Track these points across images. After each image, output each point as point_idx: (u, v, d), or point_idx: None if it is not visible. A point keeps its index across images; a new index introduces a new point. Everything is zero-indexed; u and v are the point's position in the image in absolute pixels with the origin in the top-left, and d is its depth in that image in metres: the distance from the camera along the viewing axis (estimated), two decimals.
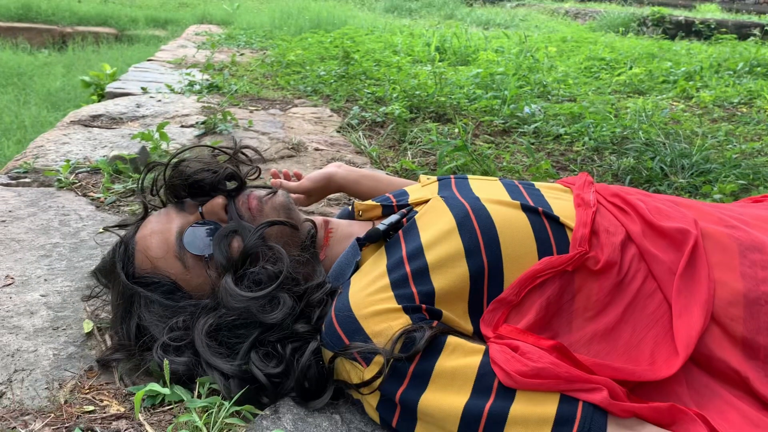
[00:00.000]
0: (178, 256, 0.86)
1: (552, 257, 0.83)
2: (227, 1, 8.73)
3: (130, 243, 0.90)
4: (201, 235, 0.87)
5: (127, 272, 0.88)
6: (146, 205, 0.97)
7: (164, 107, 2.39)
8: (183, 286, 0.87)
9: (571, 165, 2.12)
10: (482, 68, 3.27)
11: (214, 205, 0.89)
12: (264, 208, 0.91)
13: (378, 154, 2.05)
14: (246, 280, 0.82)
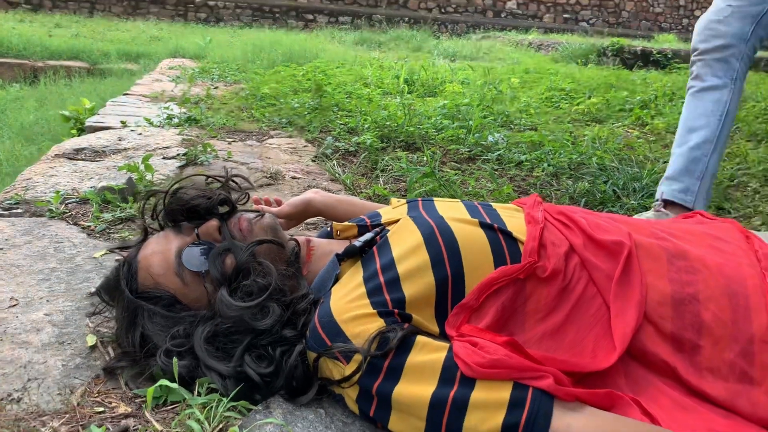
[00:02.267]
0: (178, 273, 0.98)
1: (506, 267, 0.96)
2: (199, 36, 8.87)
3: (133, 262, 1.01)
4: (198, 253, 0.99)
5: (131, 288, 0.98)
6: (146, 228, 1.08)
7: (145, 140, 2.50)
8: (181, 300, 0.98)
9: (531, 189, 2.27)
10: (448, 99, 3.44)
11: (209, 227, 1.01)
12: (253, 228, 1.03)
13: (352, 181, 2.18)
14: (239, 292, 0.94)
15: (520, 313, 0.97)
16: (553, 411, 0.81)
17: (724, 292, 0.95)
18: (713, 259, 0.99)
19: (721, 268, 0.99)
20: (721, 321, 0.91)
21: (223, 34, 9.92)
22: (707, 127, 1.60)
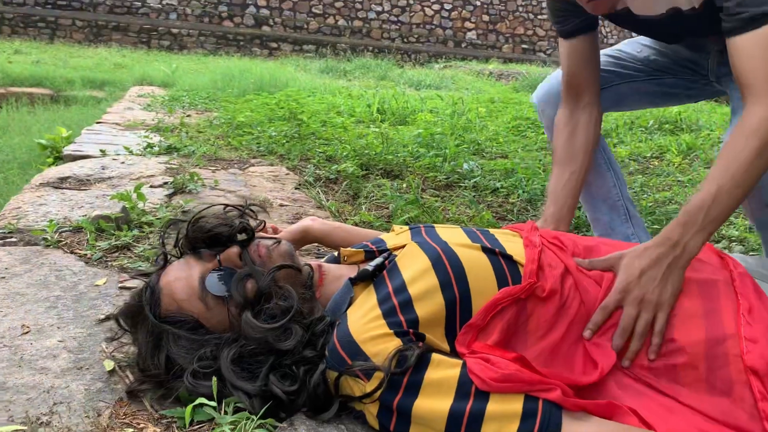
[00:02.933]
0: (201, 298, 1.03)
1: (509, 288, 1.04)
2: (164, 63, 8.87)
3: (155, 288, 1.05)
4: (220, 279, 1.04)
5: (155, 313, 1.03)
6: (166, 255, 1.12)
7: (128, 169, 2.52)
8: (204, 323, 1.03)
9: (508, 215, 2.37)
10: (422, 128, 3.55)
11: (230, 254, 1.06)
12: (272, 255, 1.09)
13: (337, 208, 2.24)
14: (263, 315, 0.99)
15: (522, 331, 1.05)
16: (562, 421, 0.89)
17: (699, 313, 1.05)
18: (689, 276, 1.09)
19: (699, 285, 1.08)
20: (694, 341, 1.01)
21: (188, 62, 9.94)
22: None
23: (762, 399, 0.92)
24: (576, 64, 1.55)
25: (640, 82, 1.67)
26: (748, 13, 1.14)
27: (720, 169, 1.12)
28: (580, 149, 1.55)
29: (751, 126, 1.12)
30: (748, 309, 1.01)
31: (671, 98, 1.73)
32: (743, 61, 1.17)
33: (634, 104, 1.78)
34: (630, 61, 1.67)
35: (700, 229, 1.08)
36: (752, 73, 1.15)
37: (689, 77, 1.64)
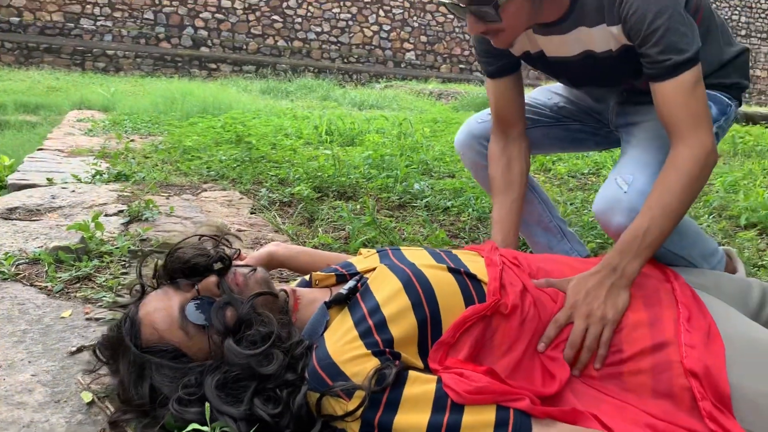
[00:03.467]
0: (182, 327, 1.05)
1: (475, 306, 1.11)
2: (101, 85, 8.68)
3: (135, 319, 1.07)
4: (200, 308, 1.07)
5: (136, 344, 1.05)
6: (144, 286, 1.14)
7: (79, 197, 2.49)
8: (185, 352, 1.06)
9: (461, 233, 2.46)
10: (371, 150, 3.62)
11: (208, 283, 1.09)
12: (249, 282, 1.13)
13: (294, 232, 2.28)
14: (244, 341, 1.03)
15: (488, 346, 1.12)
16: (532, 428, 0.96)
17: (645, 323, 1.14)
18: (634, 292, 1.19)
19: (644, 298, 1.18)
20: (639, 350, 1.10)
21: (125, 84, 9.75)
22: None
23: (702, 398, 1.01)
24: (503, 102, 1.65)
25: (551, 128, 1.79)
26: (671, 61, 1.26)
27: (653, 201, 1.24)
28: (517, 178, 1.64)
29: (680, 164, 1.25)
30: (687, 317, 1.11)
31: (579, 144, 1.85)
32: (668, 106, 1.29)
33: (547, 148, 1.89)
34: (541, 107, 1.79)
35: (636, 255, 1.20)
36: (676, 117, 1.27)
37: (594, 125, 1.78)
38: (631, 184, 1.38)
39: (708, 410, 0.99)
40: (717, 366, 1.01)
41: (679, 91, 1.27)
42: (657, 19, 1.25)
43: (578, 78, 1.64)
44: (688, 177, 1.23)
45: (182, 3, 13.72)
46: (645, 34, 1.27)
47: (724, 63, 1.53)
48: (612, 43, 1.39)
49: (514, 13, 1.30)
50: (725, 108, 1.53)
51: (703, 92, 1.28)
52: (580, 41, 1.43)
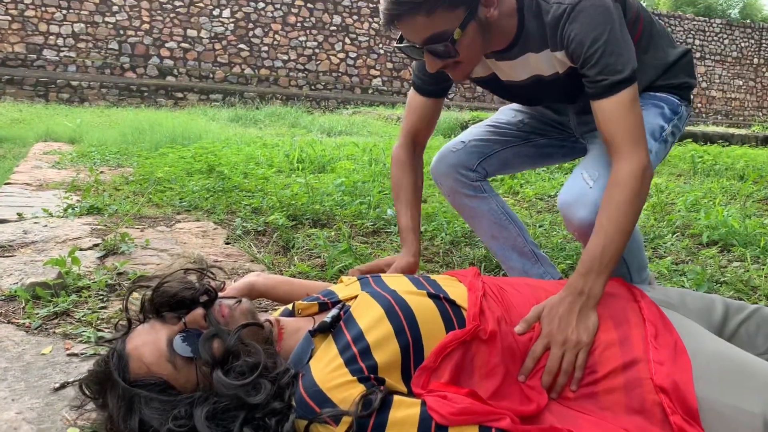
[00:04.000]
0: (170, 360, 1.07)
1: (456, 331, 1.15)
2: (66, 117, 8.59)
3: (122, 353, 1.08)
4: (188, 340, 1.09)
5: (124, 378, 1.06)
6: (130, 321, 1.16)
7: (52, 232, 2.48)
8: (173, 384, 1.07)
9: (435, 257, 2.50)
10: (343, 176, 3.66)
11: (195, 316, 1.12)
12: (234, 314, 1.15)
13: (271, 261, 2.30)
14: (233, 372, 1.05)
15: (468, 369, 1.16)
16: None
17: (616, 343, 1.19)
18: (602, 312, 1.24)
19: (613, 318, 1.24)
20: (612, 370, 1.15)
21: (91, 115, 9.65)
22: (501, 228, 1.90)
23: (672, 413, 1.06)
24: (421, 120, 1.73)
25: (519, 147, 1.86)
26: (608, 81, 1.35)
27: (604, 219, 1.31)
28: (420, 190, 1.75)
29: (621, 179, 1.32)
30: (655, 335, 1.17)
31: (548, 158, 1.92)
32: (607, 123, 1.37)
33: (518, 167, 1.95)
34: (507, 128, 1.87)
35: (598, 275, 1.26)
36: (614, 134, 1.35)
37: (559, 136, 1.86)
38: (597, 181, 1.45)
39: (678, 424, 1.04)
40: (684, 381, 1.06)
41: (615, 109, 1.35)
42: (594, 43, 1.35)
43: (532, 99, 1.74)
44: (631, 192, 1.30)
45: (147, 33, 13.72)
46: (584, 58, 1.36)
47: (671, 64, 1.64)
48: (558, 66, 1.48)
49: (468, 46, 1.36)
50: (676, 107, 1.63)
51: (639, 110, 1.36)
52: (528, 66, 1.52)
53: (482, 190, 1.85)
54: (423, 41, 1.33)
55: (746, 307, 1.30)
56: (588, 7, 1.35)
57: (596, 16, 1.35)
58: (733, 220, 2.99)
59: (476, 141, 1.84)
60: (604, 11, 1.36)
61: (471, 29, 1.33)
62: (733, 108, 20.04)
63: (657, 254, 2.70)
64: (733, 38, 19.81)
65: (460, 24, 1.31)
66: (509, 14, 1.43)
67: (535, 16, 1.43)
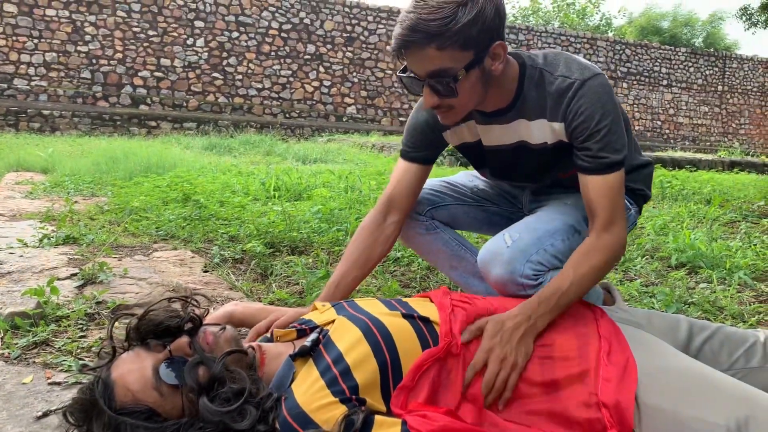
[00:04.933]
0: (155, 387, 1.09)
1: (430, 349, 1.20)
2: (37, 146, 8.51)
3: (108, 381, 1.10)
4: (173, 368, 1.11)
5: (110, 406, 1.08)
6: (115, 349, 1.17)
7: (28, 262, 2.47)
8: (159, 411, 1.10)
9: (412, 282, 2.55)
10: (320, 204, 3.70)
11: (180, 344, 1.14)
12: (219, 341, 1.18)
13: (249, 288, 2.32)
14: (218, 399, 1.08)
15: (444, 385, 1.20)
16: None
17: (575, 355, 1.24)
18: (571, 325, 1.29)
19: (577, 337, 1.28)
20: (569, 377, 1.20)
21: (63, 144, 9.58)
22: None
23: (611, 426, 1.11)
24: (404, 185, 1.71)
25: (468, 207, 1.92)
26: (608, 159, 1.44)
27: (572, 269, 1.39)
28: (372, 262, 1.70)
29: (603, 247, 1.42)
30: (608, 351, 1.22)
31: (494, 226, 1.94)
32: (599, 198, 1.45)
33: (464, 225, 1.99)
34: (462, 187, 1.93)
35: (549, 311, 1.32)
36: (604, 209, 1.44)
37: (509, 208, 1.92)
38: (516, 242, 1.53)
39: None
40: (627, 400, 1.12)
41: (609, 187, 1.44)
42: (603, 120, 1.42)
43: (507, 168, 1.72)
44: (604, 259, 1.42)
45: (120, 62, 13.72)
46: (591, 132, 1.43)
47: (634, 168, 1.73)
48: (549, 137, 1.52)
49: (468, 91, 1.39)
50: (625, 211, 1.69)
51: (623, 191, 1.47)
52: (517, 132, 1.56)
53: (434, 227, 1.89)
54: (427, 74, 1.36)
55: (709, 326, 1.37)
56: (597, 86, 1.43)
57: (604, 95, 1.43)
58: (700, 243, 3.09)
59: (430, 190, 1.87)
60: (610, 92, 1.45)
61: (474, 75, 1.37)
62: (700, 134, 20.58)
63: (627, 277, 2.78)
64: (697, 66, 20.43)
65: (466, 66, 1.34)
66: (511, 77, 1.48)
67: (536, 85, 1.48)
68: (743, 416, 1.05)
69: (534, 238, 1.54)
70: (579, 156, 1.47)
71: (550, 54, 1.52)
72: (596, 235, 1.44)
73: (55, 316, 1.85)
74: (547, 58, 1.51)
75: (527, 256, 1.51)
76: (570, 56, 1.50)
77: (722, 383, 1.13)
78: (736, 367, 1.30)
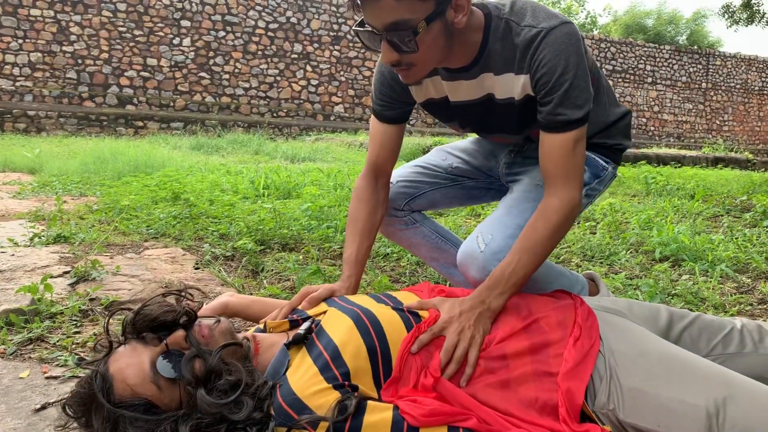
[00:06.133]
0: (153, 381, 1.12)
1: (405, 337, 1.24)
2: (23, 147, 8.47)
3: (106, 375, 1.13)
4: (170, 362, 1.14)
5: (109, 399, 1.10)
6: (112, 343, 1.20)
7: (20, 261, 2.48)
8: (157, 404, 1.12)
9: (401, 278, 2.58)
10: (309, 202, 3.73)
11: (176, 337, 1.17)
12: (214, 333, 1.21)
13: (241, 284, 2.35)
14: (215, 391, 1.11)
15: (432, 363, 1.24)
16: None
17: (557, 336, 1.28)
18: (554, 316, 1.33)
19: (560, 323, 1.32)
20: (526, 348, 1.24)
21: (49, 145, 9.53)
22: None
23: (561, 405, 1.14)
24: (385, 148, 1.70)
25: (447, 188, 1.92)
26: (564, 116, 1.39)
27: (520, 243, 1.41)
28: (376, 225, 1.71)
29: (549, 214, 1.41)
30: (577, 337, 1.26)
31: (477, 199, 1.99)
32: (550, 156, 1.43)
33: (446, 205, 2.02)
34: (436, 169, 1.92)
35: (501, 293, 1.35)
36: (554, 169, 1.42)
37: (487, 180, 1.92)
38: (488, 245, 1.54)
39: (563, 415, 1.14)
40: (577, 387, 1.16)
41: (562, 146, 1.41)
42: (564, 74, 1.36)
43: (479, 123, 1.68)
44: (553, 226, 1.40)
45: (106, 62, 13.64)
46: (551, 86, 1.37)
47: (609, 124, 1.69)
48: (516, 91, 1.46)
49: (429, 45, 1.32)
50: (600, 172, 1.70)
51: (582, 150, 1.42)
52: (483, 86, 1.51)
53: (413, 221, 1.91)
54: (385, 26, 1.28)
55: (688, 314, 1.42)
56: (562, 36, 1.36)
57: (570, 46, 1.36)
58: (683, 236, 3.15)
59: (404, 182, 1.87)
60: (577, 42, 1.37)
61: (436, 27, 1.30)
62: (685, 131, 20.78)
63: (612, 270, 2.83)
64: (681, 63, 20.62)
65: (426, 17, 1.27)
66: (475, 29, 1.42)
67: (501, 37, 1.42)
68: (721, 397, 1.10)
69: (505, 237, 1.53)
70: (539, 111, 1.42)
71: (518, 2, 1.44)
72: (546, 200, 1.42)
73: (49, 312, 1.87)
74: (514, 7, 1.44)
75: (500, 257, 1.49)
76: (538, 4, 1.42)
77: (701, 367, 1.18)
78: (714, 353, 1.35)
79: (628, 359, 1.19)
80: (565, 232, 1.44)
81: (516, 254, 1.39)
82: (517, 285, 1.37)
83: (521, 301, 1.37)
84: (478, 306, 1.31)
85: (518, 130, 1.63)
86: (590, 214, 4.25)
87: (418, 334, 1.25)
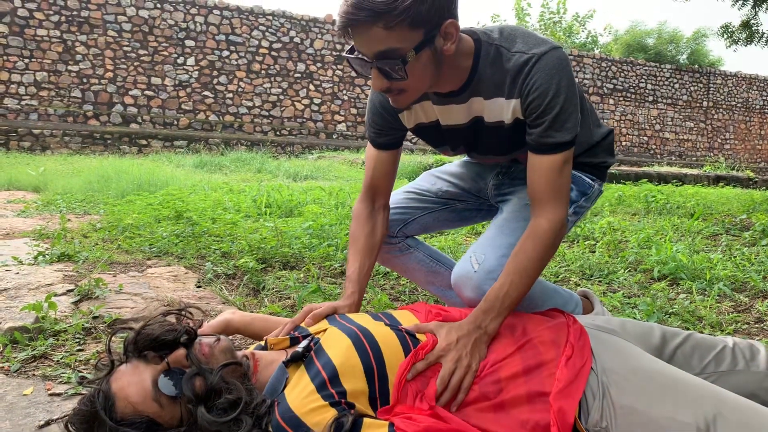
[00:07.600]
0: (155, 399, 1.15)
1: (402, 362, 1.26)
2: (28, 165, 8.55)
3: (108, 393, 1.15)
4: (171, 380, 1.17)
5: (111, 417, 1.13)
6: (113, 361, 1.23)
7: (25, 279, 2.51)
8: (158, 421, 1.15)
9: (401, 296, 2.61)
10: (311, 220, 3.77)
11: (177, 356, 1.20)
12: (214, 352, 1.24)
13: (242, 302, 2.37)
14: (215, 410, 1.14)
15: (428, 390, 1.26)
16: None
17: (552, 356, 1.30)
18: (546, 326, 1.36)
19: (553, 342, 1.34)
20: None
21: (54, 163, 9.61)
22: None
23: (553, 425, 1.16)
24: (379, 172, 1.72)
25: (438, 212, 1.96)
26: (553, 139, 1.43)
27: (512, 266, 1.44)
28: (377, 245, 1.73)
29: (538, 235, 1.45)
30: (569, 356, 1.28)
31: (467, 220, 2.03)
32: (537, 177, 1.46)
33: (437, 228, 2.05)
34: (426, 194, 1.96)
35: (497, 315, 1.38)
36: (541, 190, 1.46)
37: (476, 201, 1.95)
38: (482, 264, 1.57)
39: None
40: (569, 405, 1.18)
41: (551, 167, 1.44)
42: (555, 98, 1.40)
43: (464, 144, 1.71)
44: (543, 246, 1.44)
45: (111, 81, 13.77)
46: (542, 110, 1.41)
47: (593, 144, 1.74)
48: (507, 115, 1.49)
49: (418, 73, 1.34)
50: (586, 189, 1.75)
51: (569, 171, 1.46)
52: (472, 110, 1.54)
53: (407, 247, 1.95)
54: (375, 55, 1.30)
55: (681, 332, 1.44)
56: (553, 60, 1.39)
57: (560, 71, 1.40)
58: (681, 255, 3.17)
59: (396, 209, 1.91)
60: (567, 67, 1.41)
61: (425, 56, 1.32)
62: (686, 149, 20.84)
63: (611, 289, 2.85)
64: (683, 82, 20.73)
65: (416, 46, 1.29)
66: (465, 54, 1.44)
67: (492, 63, 1.45)
68: (712, 415, 1.12)
69: (498, 256, 1.56)
70: (528, 133, 1.46)
71: (507, 28, 1.48)
72: (534, 221, 1.46)
73: (53, 330, 1.89)
74: (503, 33, 1.46)
75: (494, 276, 1.51)
76: (527, 31, 1.46)
77: (692, 384, 1.20)
78: (707, 371, 1.37)
79: (620, 377, 1.22)
80: (554, 251, 1.47)
81: (509, 276, 1.42)
82: (512, 307, 1.40)
83: (516, 321, 1.40)
84: (474, 331, 1.34)
85: (507, 151, 1.68)
86: (589, 233, 4.28)
87: (415, 361, 1.27)
